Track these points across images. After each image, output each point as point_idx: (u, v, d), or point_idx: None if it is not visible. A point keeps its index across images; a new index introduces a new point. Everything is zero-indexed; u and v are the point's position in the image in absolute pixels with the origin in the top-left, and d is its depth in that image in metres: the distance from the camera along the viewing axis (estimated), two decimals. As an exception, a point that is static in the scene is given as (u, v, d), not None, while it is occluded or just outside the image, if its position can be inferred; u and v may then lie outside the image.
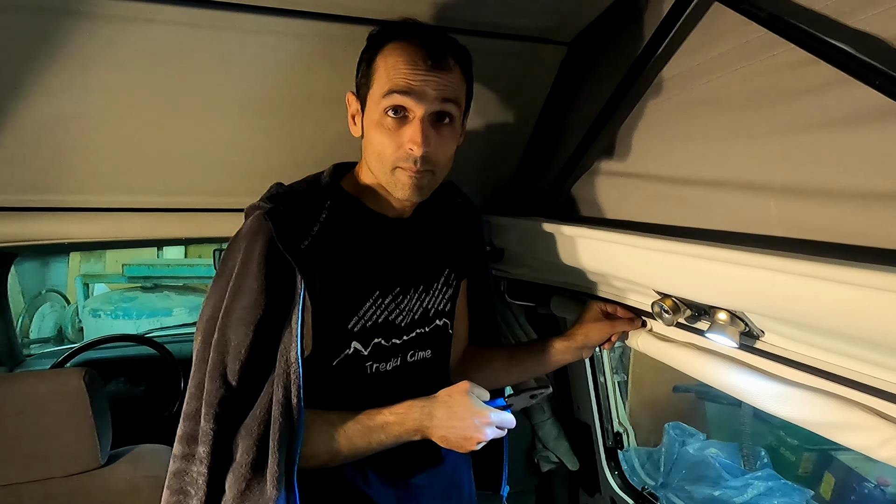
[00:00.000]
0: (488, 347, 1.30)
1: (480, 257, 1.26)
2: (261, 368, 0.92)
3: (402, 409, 0.95)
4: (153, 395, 2.06)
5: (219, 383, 0.90)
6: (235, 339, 0.91)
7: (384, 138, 0.92)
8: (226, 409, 0.90)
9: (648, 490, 1.68)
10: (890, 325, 0.61)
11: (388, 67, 0.91)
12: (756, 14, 0.74)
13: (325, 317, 0.97)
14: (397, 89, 0.89)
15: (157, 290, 4.58)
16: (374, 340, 1.02)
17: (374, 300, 1.01)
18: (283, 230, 0.92)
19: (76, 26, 0.91)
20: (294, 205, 0.97)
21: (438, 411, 0.94)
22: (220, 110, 1.13)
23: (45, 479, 1.29)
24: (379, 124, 0.92)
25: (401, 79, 0.89)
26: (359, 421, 0.95)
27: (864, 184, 0.69)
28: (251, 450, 0.88)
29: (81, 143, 1.13)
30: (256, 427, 0.89)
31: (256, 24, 0.98)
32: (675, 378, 2.82)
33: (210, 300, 0.97)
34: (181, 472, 0.92)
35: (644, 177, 1.07)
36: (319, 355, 0.98)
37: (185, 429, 0.94)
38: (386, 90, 0.90)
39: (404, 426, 0.95)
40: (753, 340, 0.91)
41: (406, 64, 0.90)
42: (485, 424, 0.92)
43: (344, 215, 1.00)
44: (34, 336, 4.62)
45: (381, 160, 0.94)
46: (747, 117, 0.84)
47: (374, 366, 1.02)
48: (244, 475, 0.88)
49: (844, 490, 2.39)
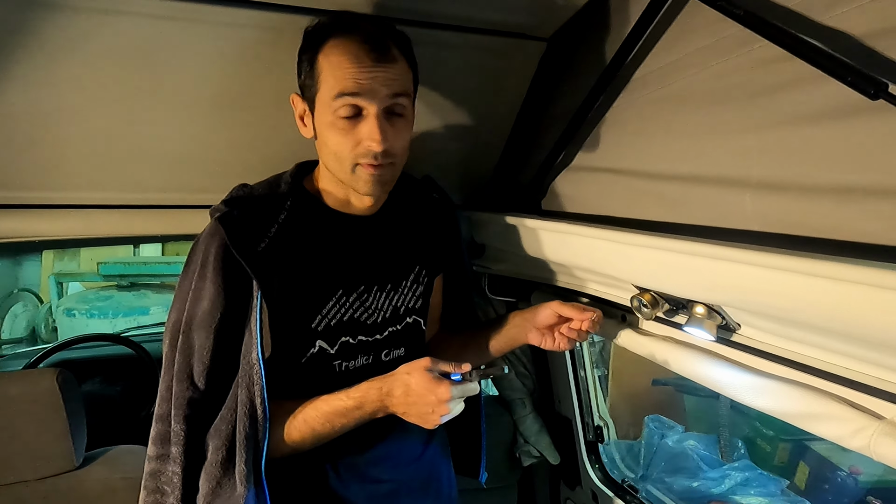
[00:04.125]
0: (450, 332, 1.29)
1: (457, 252, 1.26)
2: (226, 370, 0.94)
3: (360, 392, 0.94)
4: (130, 395, 2.03)
5: (186, 385, 0.93)
6: (199, 342, 0.93)
7: (340, 138, 0.91)
8: (195, 410, 0.93)
9: (629, 483, 1.70)
10: (863, 317, 0.63)
11: (332, 68, 0.89)
12: (732, 11, 0.75)
13: (287, 317, 0.97)
14: (347, 91, 0.88)
15: (133, 288, 4.49)
16: (341, 339, 1.01)
17: (338, 299, 1.01)
18: (236, 234, 0.93)
19: (46, 17, 0.89)
20: (250, 208, 0.97)
21: (397, 389, 0.91)
22: (195, 105, 1.11)
23: (18, 483, 1.26)
24: (332, 125, 0.91)
25: (349, 80, 0.88)
26: (317, 408, 0.95)
27: (837, 178, 0.70)
28: (220, 449, 0.91)
29: (53, 138, 1.10)
30: (224, 427, 0.92)
31: (232, 18, 0.96)
32: (654, 371, 2.86)
33: (175, 304, 0.99)
34: (157, 473, 0.95)
35: (623, 172, 1.08)
36: (285, 354, 0.98)
37: (157, 430, 0.96)
38: (335, 93, 0.89)
39: (364, 409, 0.94)
40: (730, 333, 0.92)
41: (351, 63, 0.88)
42: (444, 400, 0.88)
43: (304, 215, 1.00)
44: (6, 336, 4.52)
45: (340, 160, 0.93)
46: (723, 113, 0.85)
47: (343, 364, 1.02)
48: (215, 474, 0.91)
49: (818, 479, 2.45)
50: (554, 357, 1.76)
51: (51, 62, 0.96)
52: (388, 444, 1.04)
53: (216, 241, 0.94)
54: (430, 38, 1.08)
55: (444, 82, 1.21)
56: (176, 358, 0.94)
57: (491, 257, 1.48)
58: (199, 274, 0.95)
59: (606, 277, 1.10)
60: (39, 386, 1.25)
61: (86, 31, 0.93)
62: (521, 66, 1.23)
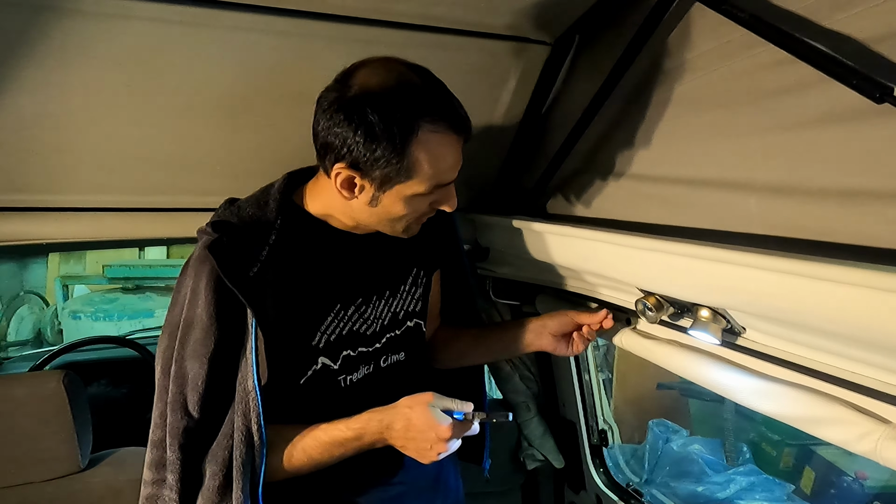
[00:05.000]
0: (457, 327, 1.28)
1: (453, 245, 1.24)
2: (221, 398, 0.92)
3: (360, 424, 0.93)
4: (135, 398, 2.04)
5: (180, 415, 0.92)
6: (192, 371, 0.91)
7: (415, 207, 0.92)
8: (189, 439, 0.92)
9: (633, 487, 1.69)
10: (868, 320, 0.63)
11: (431, 160, 0.86)
12: (737, 15, 0.75)
13: (286, 338, 0.96)
14: (447, 182, 0.91)
15: (138, 291, 4.50)
16: (343, 353, 1.01)
17: (336, 313, 1.00)
18: (226, 262, 0.90)
19: (53, 23, 0.90)
20: (238, 233, 0.94)
21: (397, 423, 0.91)
22: (201, 108, 1.12)
23: (24, 485, 1.27)
24: (411, 201, 0.91)
25: (451, 171, 0.90)
26: (316, 438, 0.94)
27: (842, 182, 0.70)
28: (217, 475, 0.91)
29: (60, 142, 1.11)
30: (221, 453, 0.91)
31: (238, 22, 0.96)
32: (658, 375, 2.85)
33: (166, 329, 0.97)
34: (153, 497, 0.95)
35: (627, 176, 1.08)
36: (283, 377, 0.97)
37: (152, 456, 0.95)
38: (435, 183, 0.89)
39: (363, 440, 0.93)
40: (735, 337, 0.92)
41: (451, 155, 0.89)
42: (444, 438, 0.88)
43: (295, 234, 0.97)
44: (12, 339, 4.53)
45: (394, 220, 0.94)
46: (728, 116, 0.85)
47: (348, 378, 1.01)
48: (212, 500, 0.91)
49: (824, 484, 2.44)
50: (558, 361, 1.75)
51: (59, 66, 0.97)
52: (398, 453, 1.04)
53: (206, 269, 0.91)
54: (435, 42, 1.09)
55: (448, 85, 1.20)
56: (169, 387, 0.93)
57: (495, 260, 1.48)
58: (191, 301, 0.93)
59: (611, 281, 1.10)
60: (46, 388, 1.25)
61: (94, 35, 0.93)
62: (525, 69, 1.23)
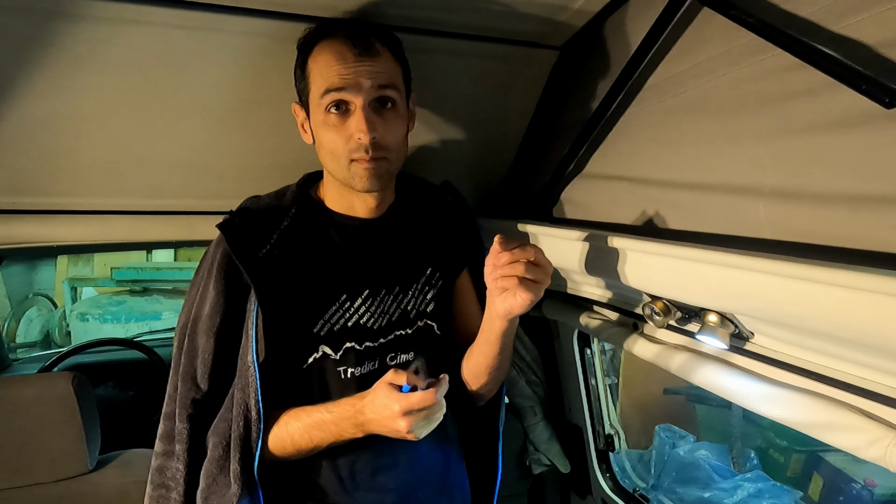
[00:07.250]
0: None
1: (478, 253, 1.17)
2: (226, 371, 0.98)
3: (339, 407, 0.93)
4: (142, 399, 2.05)
5: (189, 385, 0.98)
6: (201, 345, 0.98)
7: (332, 135, 0.94)
8: (197, 410, 0.98)
9: (639, 492, 1.68)
10: (878, 326, 0.62)
11: (319, 68, 0.93)
12: (745, 20, 0.75)
13: (288, 321, 0.98)
14: (333, 87, 0.92)
15: (146, 293, 4.53)
16: (346, 345, 1.01)
17: (341, 304, 1.01)
18: (236, 241, 0.96)
19: (65, 28, 0.91)
20: (252, 215, 1.00)
21: (366, 407, 0.90)
22: (210, 112, 1.13)
23: (33, 485, 1.27)
24: (324, 123, 0.94)
25: (334, 76, 0.91)
26: (299, 418, 0.96)
27: (851, 187, 0.70)
28: (217, 446, 0.95)
29: (70, 145, 1.12)
30: (223, 426, 0.96)
31: (246, 27, 0.97)
32: (665, 380, 2.84)
33: (184, 307, 1.04)
34: (162, 468, 1.00)
35: (635, 180, 1.08)
36: (285, 360, 0.99)
37: (164, 428, 1.02)
38: (323, 90, 0.92)
39: (340, 424, 0.93)
40: (743, 342, 0.92)
41: (335, 60, 0.91)
42: (397, 412, 0.84)
43: (308, 221, 1.03)
44: (21, 340, 4.56)
45: (335, 157, 0.95)
46: (736, 121, 0.85)
47: (349, 370, 1.01)
48: (211, 471, 0.95)
49: (833, 491, 2.42)
50: (565, 365, 1.75)
51: (70, 71, 0.98)
52: (397, 452, 1.04)
53: (220, 248, 0.98)
54: (444, 47, 1.09)
55: (456, 90, 1.21)
56: (182, 360, 1.00)
57: (502, 264, 1.47)
58: (205, 279, 1.00)
59: (618, 285, 1.10)
60: (55, 389, 1.26)
61: (104, 40, 0.94)
62: (533, 74, 1.23)
